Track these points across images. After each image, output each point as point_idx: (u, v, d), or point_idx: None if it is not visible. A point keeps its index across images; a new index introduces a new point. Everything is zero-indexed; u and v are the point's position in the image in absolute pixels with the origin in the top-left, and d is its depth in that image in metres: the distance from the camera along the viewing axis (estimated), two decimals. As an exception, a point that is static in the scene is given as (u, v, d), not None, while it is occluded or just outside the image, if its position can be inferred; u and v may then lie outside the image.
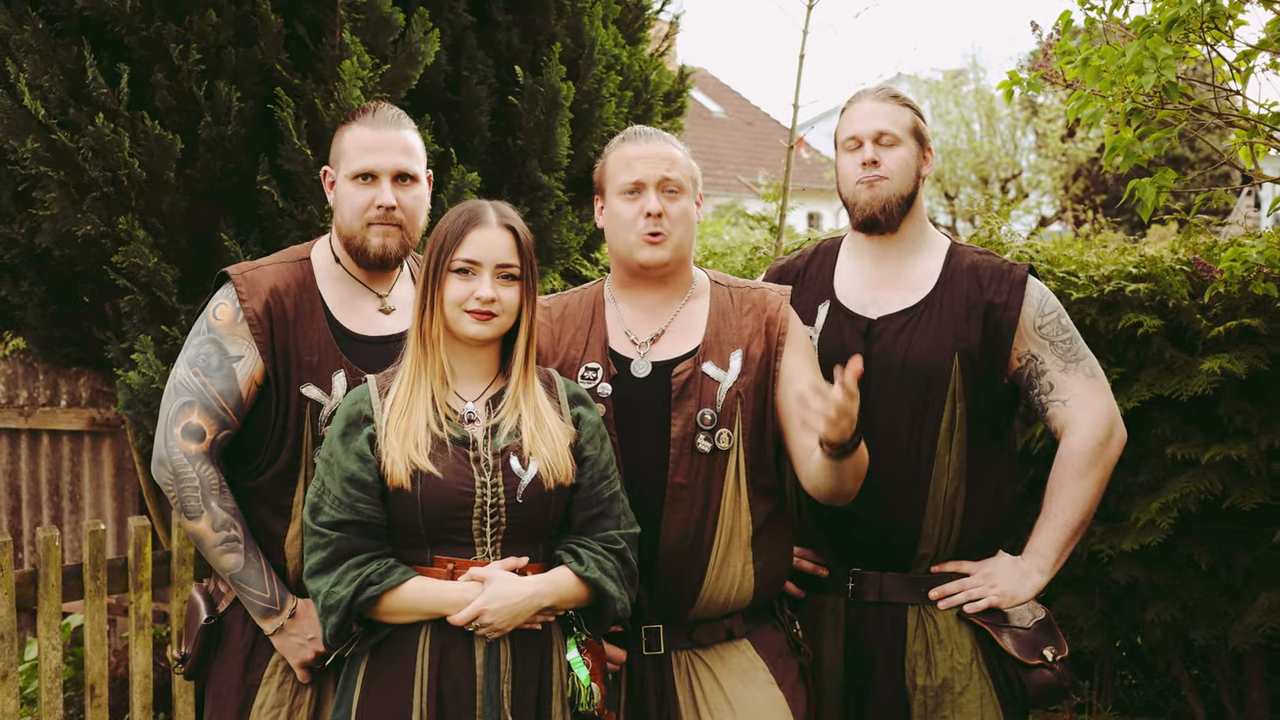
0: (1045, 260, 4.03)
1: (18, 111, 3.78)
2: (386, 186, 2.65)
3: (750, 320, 2.70)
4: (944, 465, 2.76)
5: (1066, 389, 2.78)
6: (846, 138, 2.85)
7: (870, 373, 2.74)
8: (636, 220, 2.62)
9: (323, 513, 2.39)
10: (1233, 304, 3.72)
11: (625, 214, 2.64)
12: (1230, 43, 3.34)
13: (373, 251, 2.67)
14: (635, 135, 2.70)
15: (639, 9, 5.14)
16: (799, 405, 2.50)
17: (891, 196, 2.81)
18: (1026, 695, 2.77)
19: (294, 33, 3.94)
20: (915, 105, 2.89)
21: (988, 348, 2.79)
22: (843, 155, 2.87)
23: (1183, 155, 18.48)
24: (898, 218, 2.83)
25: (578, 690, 2.41)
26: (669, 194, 2.64)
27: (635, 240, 2.63)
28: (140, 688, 3.97)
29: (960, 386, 2.77)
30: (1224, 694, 4.14)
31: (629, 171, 2.64)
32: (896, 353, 2.79)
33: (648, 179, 2.63)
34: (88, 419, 5.30)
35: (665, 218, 2.62)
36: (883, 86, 2.90)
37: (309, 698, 2.66)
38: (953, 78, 21.46)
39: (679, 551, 2.61)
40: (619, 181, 2.65)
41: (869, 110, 2.83)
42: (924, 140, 2.88)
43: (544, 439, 2.43)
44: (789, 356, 2.68)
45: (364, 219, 2.65)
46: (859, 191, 2.82)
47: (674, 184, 2.64)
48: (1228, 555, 3.93)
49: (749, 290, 2.76)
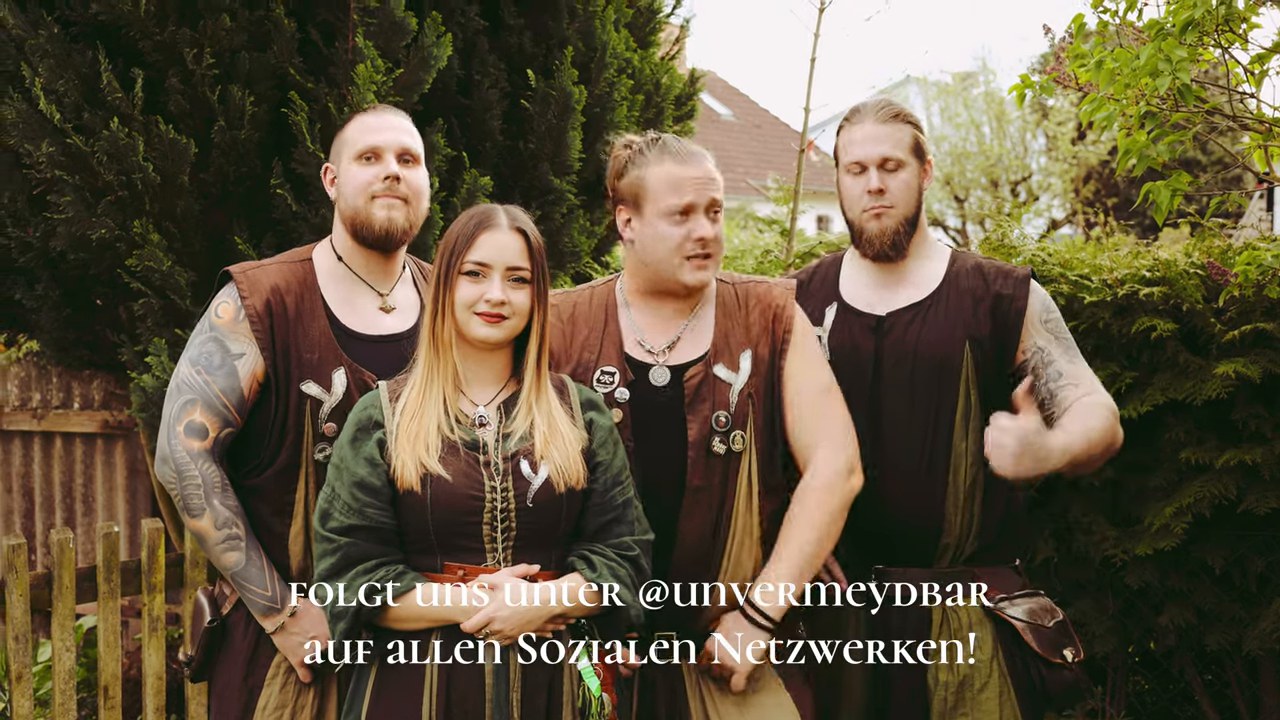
0: (1058, 263, 4.02)
1: (33, 116, 3.80)
2: (391, 159, 2.70)
3: (757, 317, 2.70)
4: (961, 452, 2.80)
5: (1076, 376, 2.83)
6: (851, 161, 2.85)
7: (882, 366, 2.81)
8: (684, 244, 2.61)
9: (332, 518, 2.39)
10: (1247, 308, 3.71)
11: (671, 236, 2.62)
12: (1244, 45, 3.33)
13: (379, 224, 2.68)
14: (677, 154, 2.65)
15: (650, 13, 5.15)
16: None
17: (899, 225, 2.84)
18: (1047, 694, 2.80)
19: (307, 37, 3.96)
20: (914, 118, 2.90)
21: (997, 338, 2.83)
22: (846, 176, 2.88)
23: (1195, 158, 18.43)
24: (905, 244, 2.87)
25: (588, 700, 2.39)
26: (714, 215, 2.64)
27: (680, 262, 2.63)
28: (153, 689, 3.98)
29: (972, 374, 2.81)
30: (1238, 700, 4.12)
31: (678, 194, 2.61)
32: (908, 344, 2.82)
33: (699, 203, 2.62)
34: (100, 421, 5.32)
35: (714, 241, 2.63)
36: (883, 102, 2.89)
37: (312, 698, 2.66)
38: (962, 80, 21.43)
39: (695, 553, 2.61)
40: (667, 202, 2.62)
41: (872, 134, 2.83)
42: (924, 154, 2.89)
43: (556, 444, 2.42)
44: (793, 354, 2.68)
45: (369, 192, 2.68)
46: (866, 221, 2.85)
47: (719, 205, 2.65)
48: (1242, 560, 3.91)
49: (754, 285, 2.76)
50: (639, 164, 2.65)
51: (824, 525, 2.62)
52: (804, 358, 2.69)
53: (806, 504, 2.63)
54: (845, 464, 2.66)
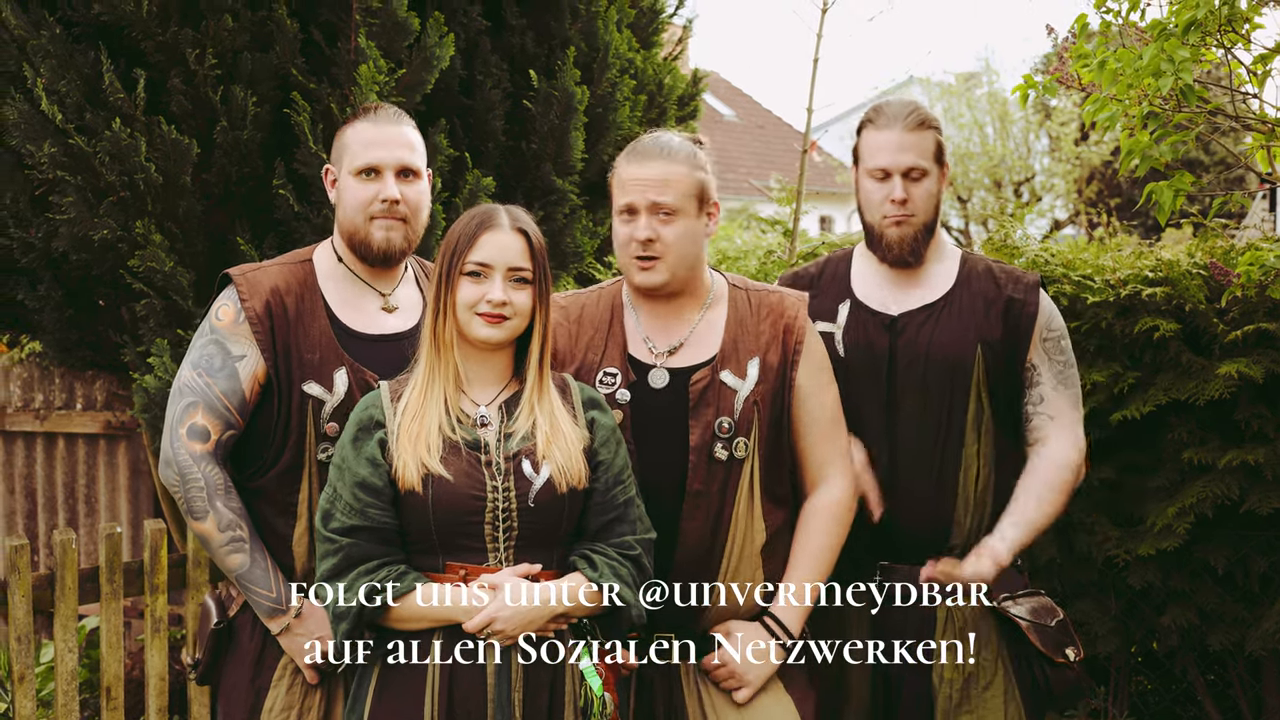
0: (1061, 264, 4.02)
1: (35, 116, 3.80)
2: (390, 180, 2.67)
3: (768, 327, 2.69)
4: (973, 454, 2.81)
5: (1055, 405, 2.86)
6: (875, 167, 2.84)
7: (895, 366, 2.82)
8: (629, 244, 2.62)
9: (334, 519, 2.39)
10: (1250, 308, 3.70)
11: (620, 235, 2.64)
12: (1247, 46, 3.33)
13: (376, 246, 2.68)
14: (636, 153, 2.64)
15: (653, 13, 5.15)
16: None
17: (919, 232, 2.85)
18: (1051, 693, 2.81)
19: (309, 37, 3.96)
20: (937, 122, 2.90)
21: (1008, 341, 2.84)
22: (867, 180, 2.87)
23: (1197, 159, 18.41)
24: (923, 251, 2.88)
25: (590, 700, 2.39)
26: (662, 217, 2.59)
27: (628, 262, 2.64)
28: (156, 690, 3.98)
29: (984, 377, 2.82)
30: (1241, 700, 4.12)
31: (623, 193, 2.62)
32: (920, 345, 2.83)
33: (639, 203, 2.60)
34: (103, 422, 5.32)
35: (658, 242, 2.59)
36: (910, 108, 2.87)
37: (319, 700, 2.66)
38: (965, 80, 21.41)
39: (694, 558, 2.61)
40: (617, 202, 2.65)
41: (898, 142, 2.82)
42: (944, 159, 2.90)
43: (558, 443, 2.42)
44: (804, 368, 2.68)
45: (367, 213, 2.67)
46: (886, 227, 2.85)
47: (667, 207, 2.58)
48: (1245, 560, 3.91)
49: (767, 294, 2.75)
50: (616, 164, 2.69)
51: (835, 543, 2.69)
52: (816, 370, 2.70)
53: (822, 520, 2.68)
54: (853, 489, 2.73)
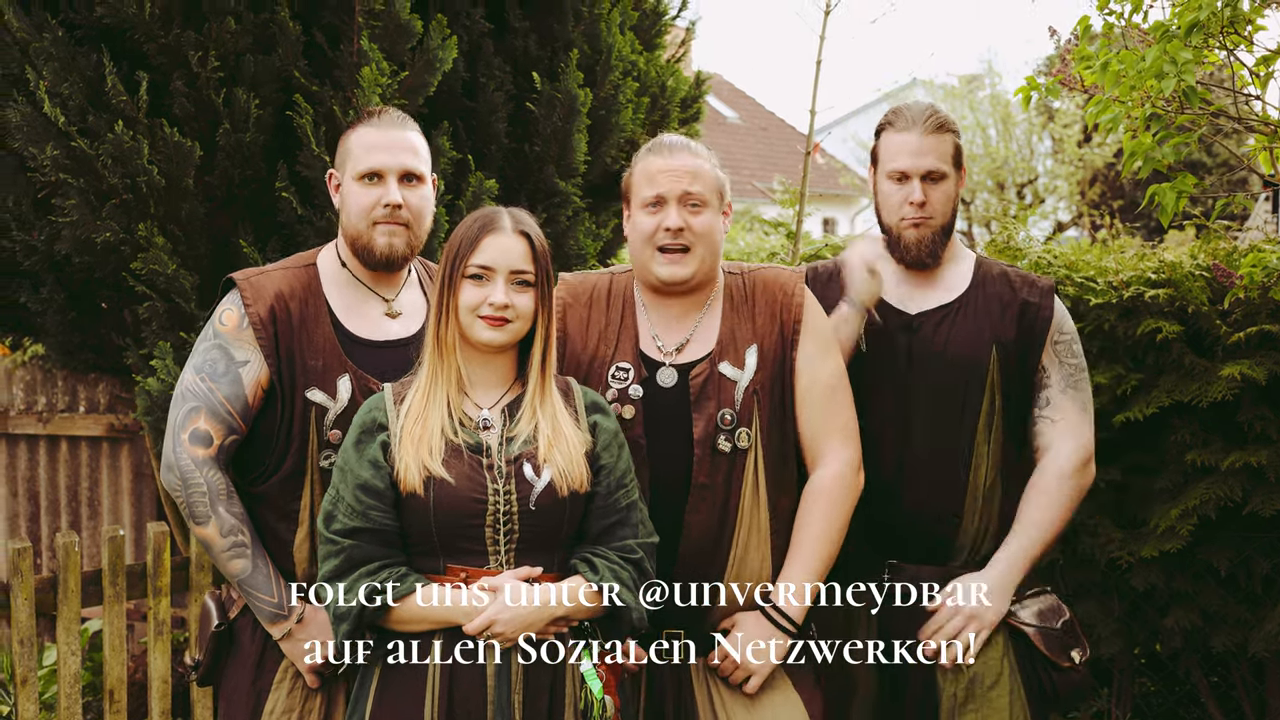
0: (1064, 266, 4.02)
1: (37, 119, 3.80)
2: (393, 185, 2.66)
3: (764, 308, 2.69)
4: (982, 455, 2.82)
5: (1061, 410, 2.86)
6: (894, 169, 2.85)
7: (911, 365, 2.84)
8: (656, 234, 2.61)
9: (336, 520, 2.39)
10: (1253, 310, 3.70)
11: (645, 227, 2.63)
12: (1250, 47, 3.33)
13: (379, 251, 2.67)
14: (661, 147, 2.67)
15: (656, 15, 5.14)
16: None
17: (936, 234, 2.87)
18: (1056, 695, 2.81)
19: (312, 40, 3.96)
20: (955, 125, 2.91)
21: (1022, 343, 2.85)
22: (886, 182, 2.88)
23: (1200, 160, 18.40)
24: (940, 253, 2.89)
25: (590, 703, 2.39)
26: (692, 208, 2.61)
27: (651, 254, 2.63)
28: (158, 693, 3.98)
29: (998, 378, 2.83)
30: (1244, 701, 4.11)
31: (651, 185, 2.62)
32: (936, 345, 2.85)
33: (669, 193, 2.61)
34: (106, 425, 5.33)
35: (688, 231, 2.60)
36: (929, 111, 2.88)
37: (319, 703, 2.66)
38: (968, 82, 21.40)
39: (700, 550, 2.61)
40: (642, 194, 2.64)
41: (919, 146, 2.83)
42: (962, 162, 2.91)
43: (559, 447, 2.42)
44: (804, 345, 2.67)
45: (370, 218, 2.66)
46: (905, 229, 2.86)
47: (697, 198, 2.62)
48: (1248, 562, 3.90)
49: (760, 273, 2.74)
50: (634, 163, 2.70)
51: (838, 523, 2.65)
52: (815, 347, 2.68)
53: (820, 503, 2.64)
54: (854, 461, 2.68)
